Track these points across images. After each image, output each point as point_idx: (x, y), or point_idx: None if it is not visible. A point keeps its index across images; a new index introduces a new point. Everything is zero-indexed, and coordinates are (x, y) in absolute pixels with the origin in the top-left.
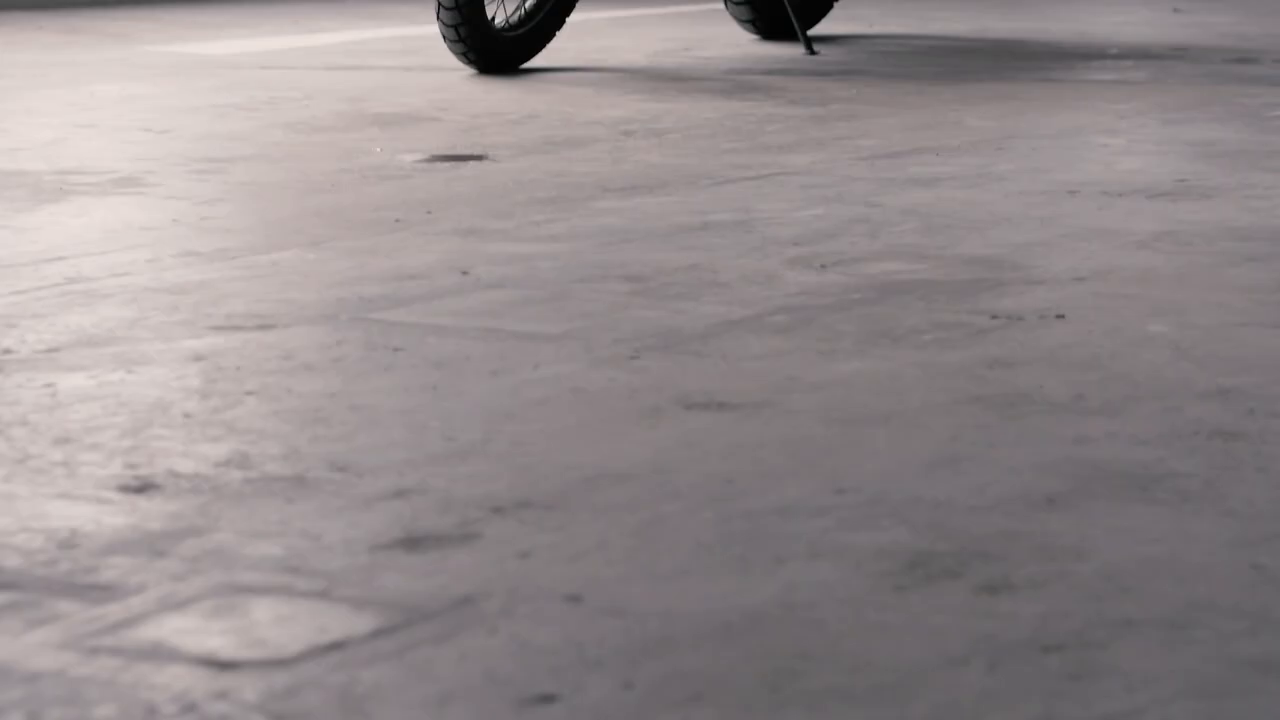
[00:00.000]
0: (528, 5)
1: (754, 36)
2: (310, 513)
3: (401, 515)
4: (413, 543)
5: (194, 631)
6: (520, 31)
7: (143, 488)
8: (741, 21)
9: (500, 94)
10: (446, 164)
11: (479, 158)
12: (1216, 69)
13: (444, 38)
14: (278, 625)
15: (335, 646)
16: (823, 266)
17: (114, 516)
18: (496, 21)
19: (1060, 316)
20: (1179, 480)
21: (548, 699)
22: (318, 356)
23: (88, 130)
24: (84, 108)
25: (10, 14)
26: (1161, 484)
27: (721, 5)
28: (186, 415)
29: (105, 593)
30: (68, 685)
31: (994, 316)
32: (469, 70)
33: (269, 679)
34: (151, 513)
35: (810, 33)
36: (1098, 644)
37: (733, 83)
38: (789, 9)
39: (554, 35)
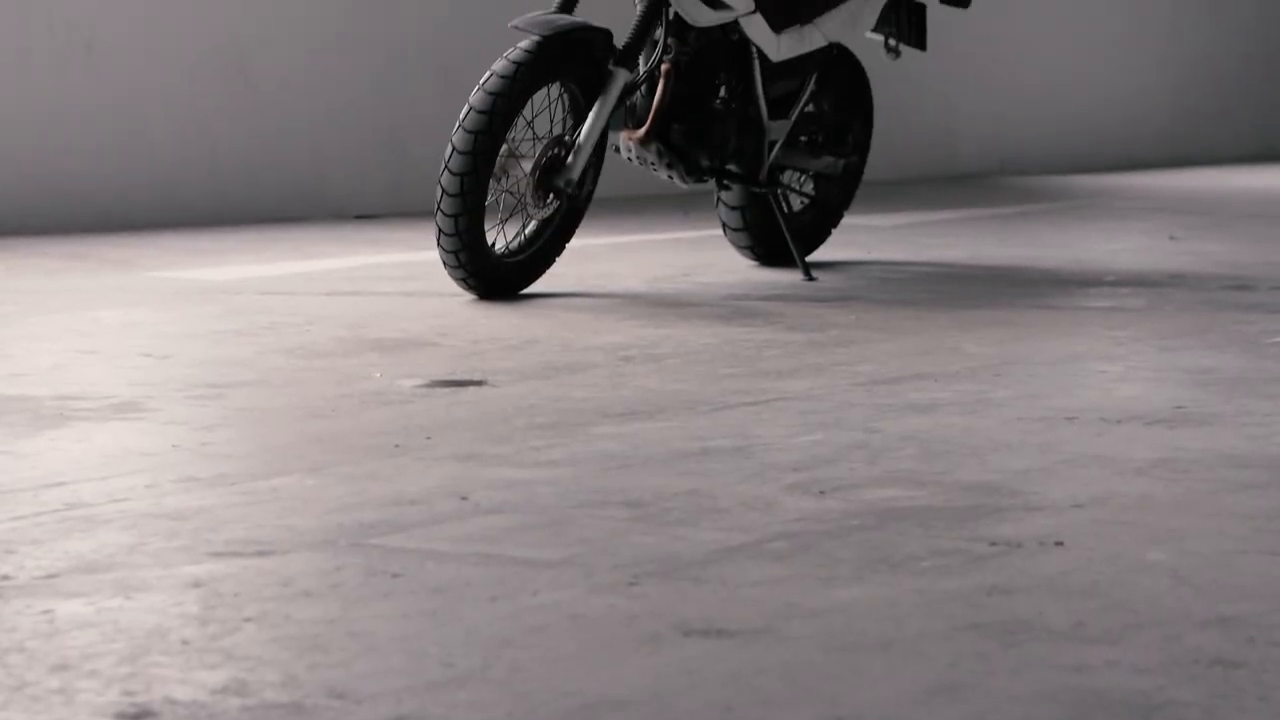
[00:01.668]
0: (528, 231)
1: (753, 262)
2: None
3: None
4: None
5: None
6: (520, 257)
7: (140, 715)
8: (740, 248)
9: (500, 319)
10: (446, 389)
11: (478, 383)
12: (1213, 296)
13: (444, 263)
14: None
15: None
16: (821, 492)
17: None
18: (497, 247)
19: (1059, 543)
20: (1179, 709)
21: None
22: (316, 582)
23: (89, 356)
24: (85, 333)
25: (12, 239)
26: (1162, 712)
27: (720, 231)
28: (184, 642)
29: None
30: None
31: (993, 543)
32: (469, 296)
33: None
34: None
35: (808, 259)
36: None
37: (731, 308)
38: (787, 235)
39: (554, 260)
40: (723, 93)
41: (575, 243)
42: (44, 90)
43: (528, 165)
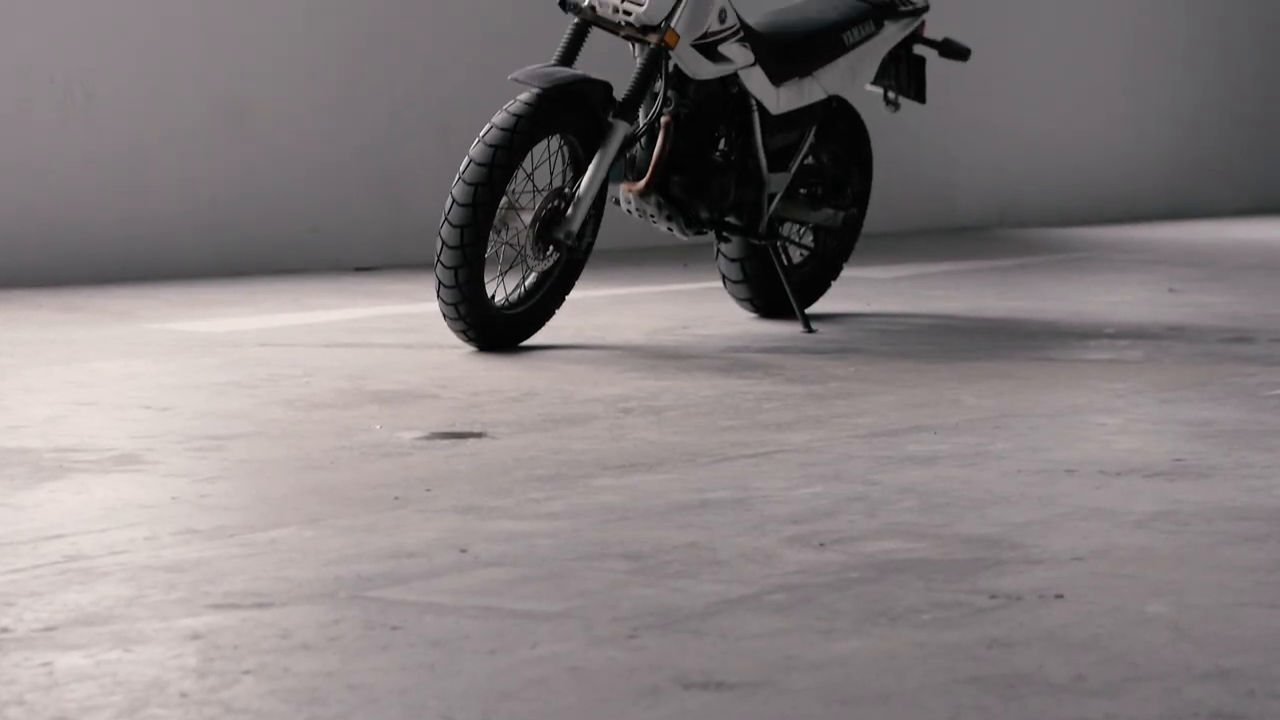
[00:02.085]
0: (528, 283)
1: (752, 314)
2: None
3: None
4: None
5: None
6: (520, 309)
7: None
8: (740, 300)
9: (500, 371)
10: (446, 441)
11: (478, 435)
12: (1212, 348)
13: (444, 315)
14: None
15: None
16: (821, 545)
17: None
18: (496, 299)
19: (1059, 596)
20: None
21: None
22: (315, 635)
23: (87, 408)
24: (84, 385)
25: (10, 291)
26: None
27: (720, 283)
28: (183, 695)
29: None
30: None
31: (993, 596)
32: (468, 348)
33: None
34: None
35: (808, 311)
36: None
37: (731, 360)
38: (787, 287)
39: (553, 313)
40: (722, 145)
41: (575, 294)
42: (44, 141)
43: (527, 217)
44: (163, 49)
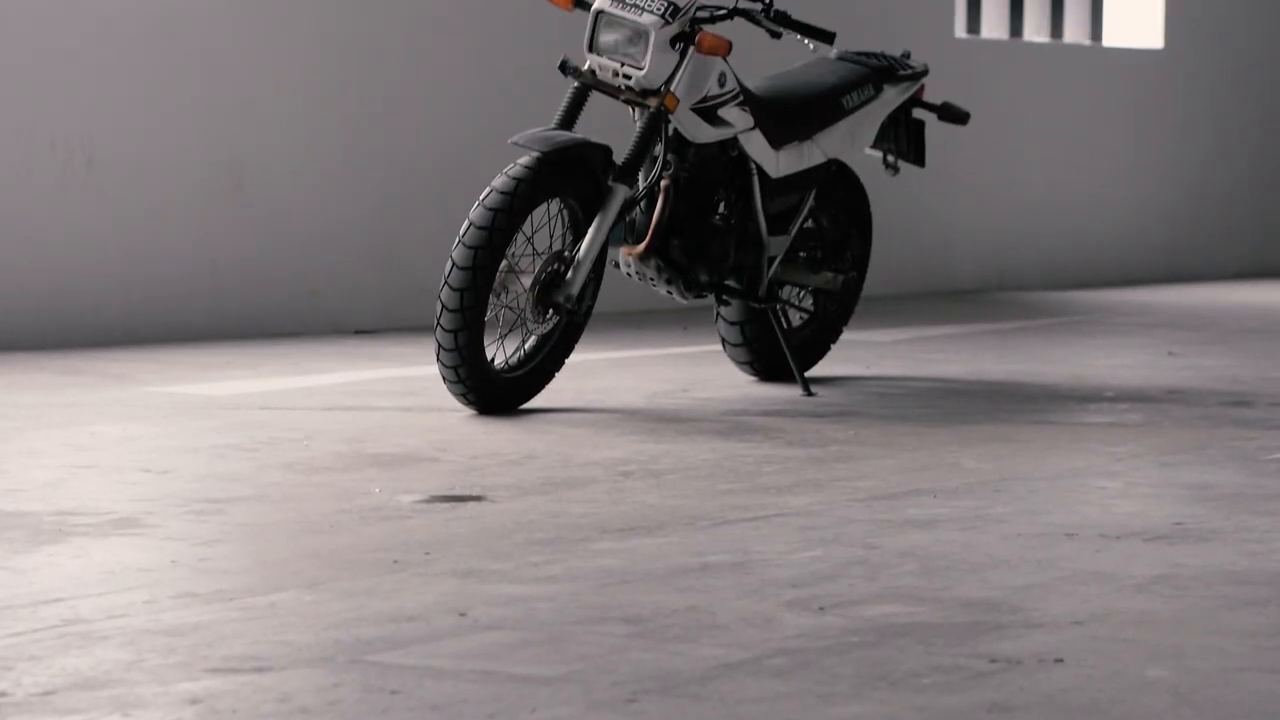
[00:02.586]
0: (527, 346)
1: (752, 377)
2: None
3: None
4: None
5: None
6: (520, 372)
7: None
8: (739, 363)
9: (499, 434)
10: (445, 504)
11: (477, 498)
12: (1212, 412)
13: (443, 379)
14: None
15: None
16: (821, 609)
17: None
18: (496, 362)
19: (1059, 660)
20: None
21: None
22: (314, 699)
23: (87, 471)
24: (84, 448)
25: (11, 354)
26: None
27: (719, 347)
28: None
29: None
30: None
31: (993, 660)
32: (468, 411)
33: None
34: None
35: (808, 374)
36: None
37: (731, 424)
38: (786, 351)
39: (553, 376)
40: (722, 208)
41: (574, 358)
42: (45, 205)
43: (527, 281)
44: (163, 114)
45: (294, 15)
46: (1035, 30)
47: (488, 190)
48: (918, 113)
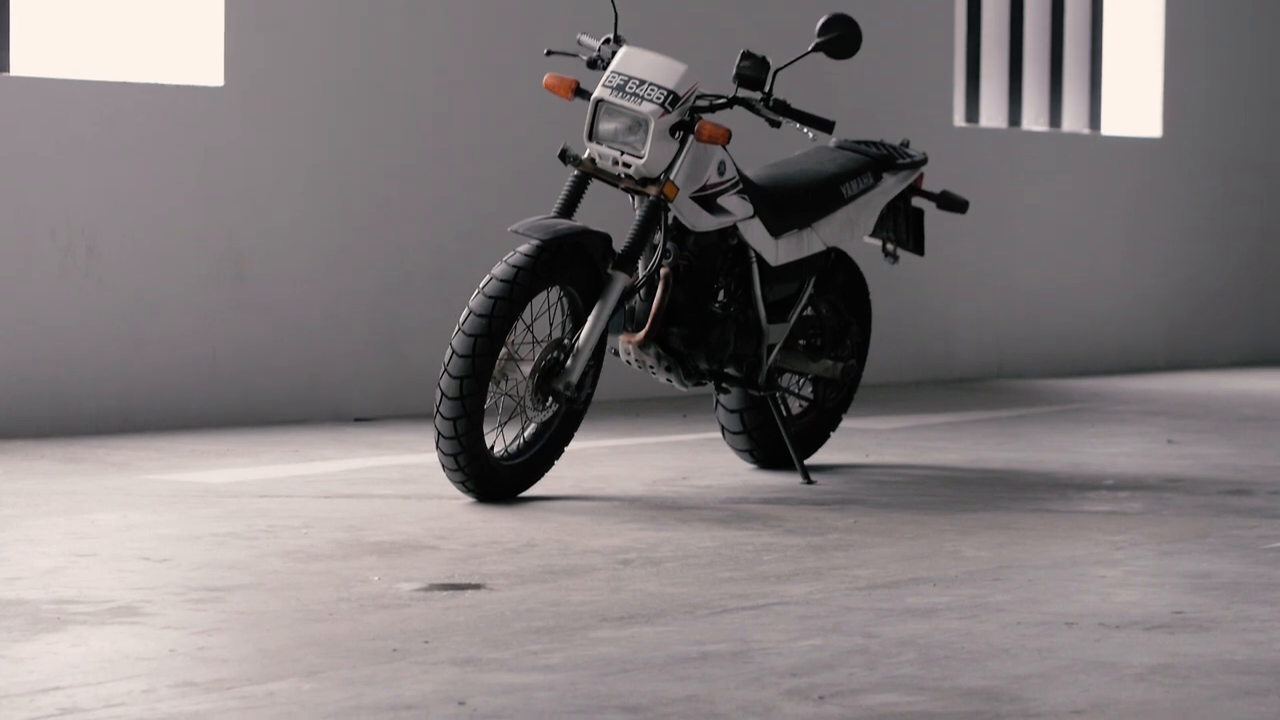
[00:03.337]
0: (527, 434)
1: (751, 465)
2: None
3: None
4: None
5: None
6: (519, 460)
7: None
8: (739, 450)
9: (499, 522)
10: (444, 593)
11: (476, 586)
12: (1211, 500)
13: (443, 466)
14: None
15: None
16: (821, 698)
17: None
18: (495, 450)
19: None
20: None
21: None
22: None
23: (87, 559)
24: (83, 536)
25: (12, 442)
26: None
27: (719, 434)
28: None
29: None
30: None
31: None
32: (467, 498)
33: None
34: None
35: (807, 462)
36: None
37: (730, 511)
38: (786, 438)
39: (553, 463)
40: (721, 297)
41: (574, 445)
42: (45, 293)
43: (527, 368)
44: (164, 203)
45: (294, 105)
46: (1034, 119)
47: (488, 278)
48: (917, 201)
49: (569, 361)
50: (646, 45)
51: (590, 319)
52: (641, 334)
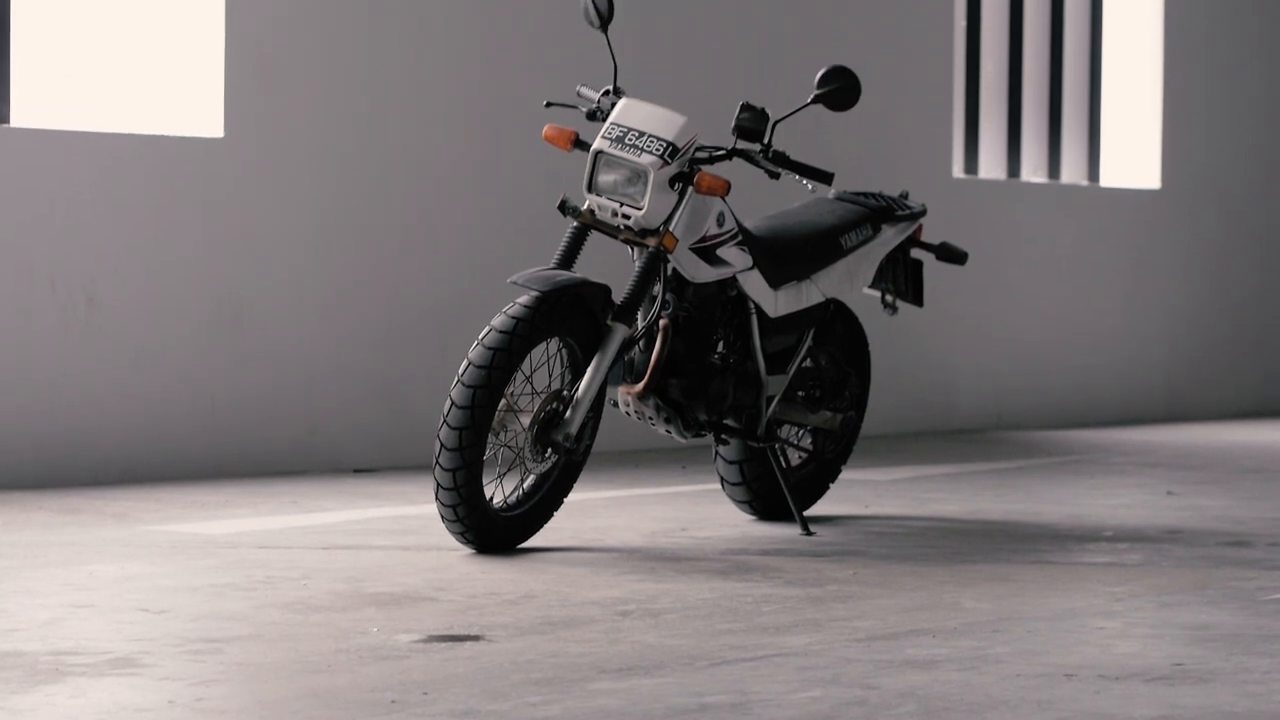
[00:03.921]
0: (526, 485)
1: (751, 517)
2: None
3: None
4: None
5: None
6: (518, 511)
7: None
8: (738, 502)
9: (498, 573)
10: (443, 644)
11: (475, 638)
12: (1211, 552)
13: (442, 517)
14: None
15: None
16: None
17: None
18: (494, 501)
19: None
20: None
21: None
22: None
23: (85, 610)
24: (82, 587)
25: (10, 493)
26: None
27: (718, 486)
28: None
29: None
30: None
31: None
32: (466, 550)
33: None
34: None
35: (807, 513)
36: None
37: (730, 563)
38: (785, 490)
39: (552, 515)
40: (720, 348)
41: (573, 496)
42: (44, 345)
43: (526, 420)
44: (163, 254)
45: (293, 156)
46: (1033, 170)
47: (487, 329)
48: (916, 252)
49: (568, 413)
50: (646, 97)
51: (589, 370)
52: (641, 385)
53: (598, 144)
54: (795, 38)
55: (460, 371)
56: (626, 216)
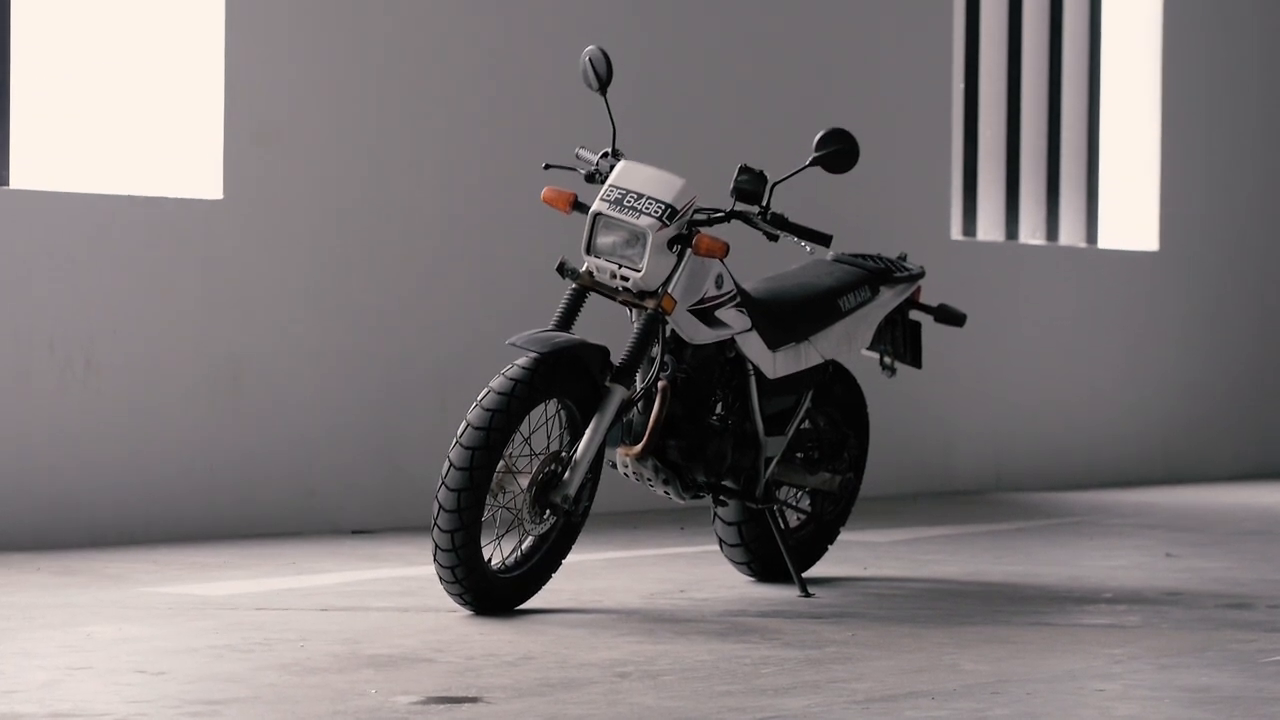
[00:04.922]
0: (524, 547)
1: (749, 578)
2: None
3: None
4: None
5: None
6: (517, 573)
7: None
8: (737, 563)
9: (496, 635)
10: (441, 706)
11: (474, 699)
12: (1210, 614)
13: (440, 579)
14: None
15: None
16: None
17: None
18: (493, 563)
19: None
20: None
21: None
22: None
23: (82, 672)
24: (79, 649)
25: (7, 554)
26: None
27: (717, 547)
28: None
29: None
30: None
31: None
32: (465, 611)
33: None
34: None
35: (805, 574)
36: None
37: (728, 624)
38: (784, 551)
39: (550, 576)
40: (719, 409)
41: (571, 558)
42: (43, 406)
43: (524, 481)
44: (162, 316)
45: (292, 218)
46: (1031, 232)
47: (485, 391)
48: (914, 314)
49: (567, 474)
50: (644, 159)
51: (588, 432)
52: (639, 446)
53: (596, 206)
54: (794, 100)
55: (459, 433)
56: (625, 278)
